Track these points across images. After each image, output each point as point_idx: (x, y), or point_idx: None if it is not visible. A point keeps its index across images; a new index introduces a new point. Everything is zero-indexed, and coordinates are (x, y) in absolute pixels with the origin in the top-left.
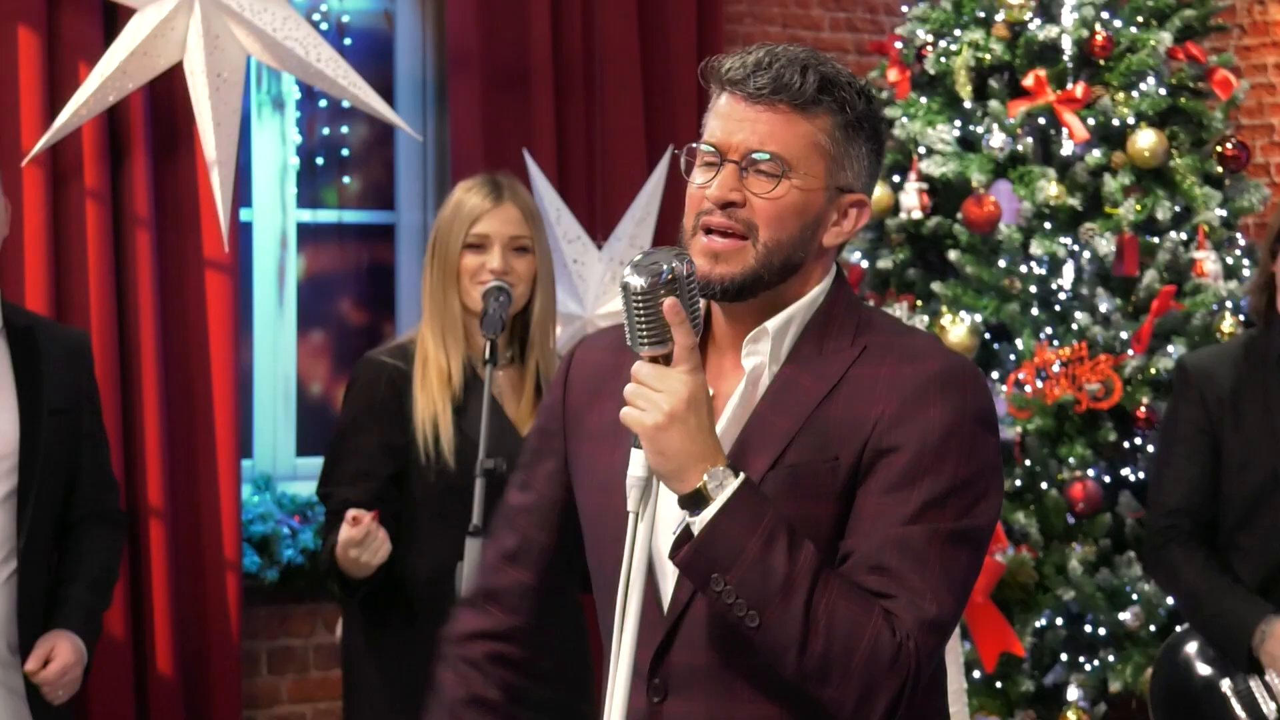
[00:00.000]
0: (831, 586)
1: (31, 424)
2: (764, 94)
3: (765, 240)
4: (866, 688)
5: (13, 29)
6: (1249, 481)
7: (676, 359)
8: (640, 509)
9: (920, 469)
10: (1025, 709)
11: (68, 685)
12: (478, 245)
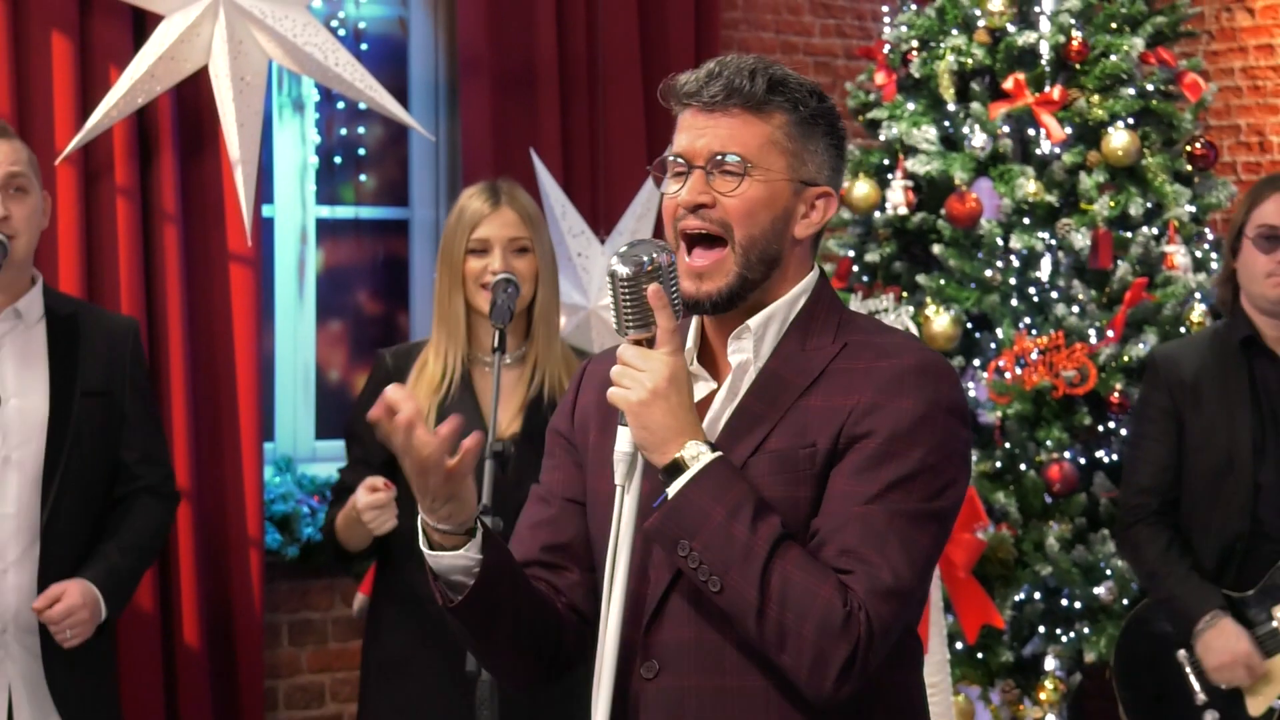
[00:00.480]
0: (789, 558)
1: (62, 405)
2: (718, 101)
3: (740, 238)
4: (818, 654)
5: (47, 35)
6: (1207, 462)
7: (659, 341)
8: (626, 482)
9: (888, 453)
10: (1005, 678)
11: (74, 626)
12: (480, 249)
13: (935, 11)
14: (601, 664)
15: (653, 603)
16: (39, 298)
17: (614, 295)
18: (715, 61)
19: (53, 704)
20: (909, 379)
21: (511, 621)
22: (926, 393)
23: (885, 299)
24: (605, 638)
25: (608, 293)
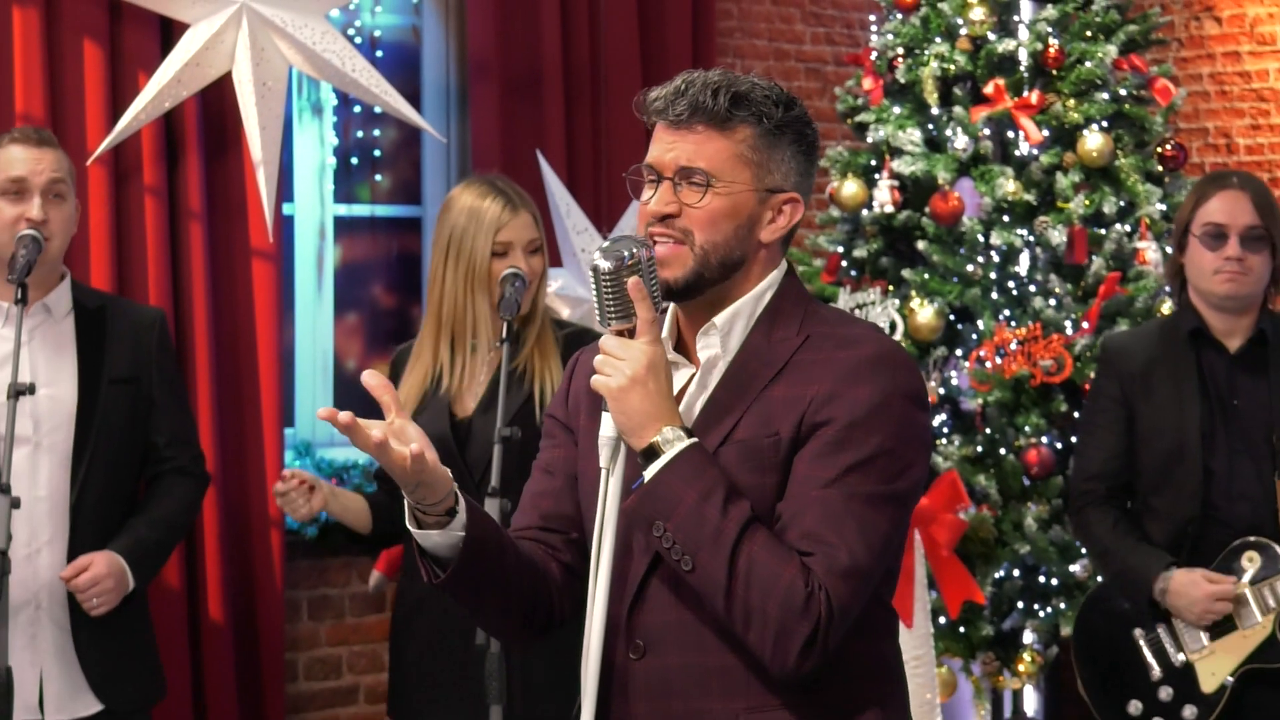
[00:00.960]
0: (757, 540)
1: (90, 392)
2: (684, 118)
3: (701, 243)
4: (780, 632)
5: (79, 42)
6: (1158, 449)
7: (639, 331)
8: (611, 465)
9: (847, 439)
10: (985, 651)
11: (99, 594)
12: (501, 252)
13: (920, 20)
14: (589, 643)
15: (634, 584)
16: (67, 292)
17: (597, 288)
18: (682, 79)
19: (83, 675)
20: (866, 368)
21: (498, 591)
22: (883, 381)
23: (872, 292)
24: (592, 616)
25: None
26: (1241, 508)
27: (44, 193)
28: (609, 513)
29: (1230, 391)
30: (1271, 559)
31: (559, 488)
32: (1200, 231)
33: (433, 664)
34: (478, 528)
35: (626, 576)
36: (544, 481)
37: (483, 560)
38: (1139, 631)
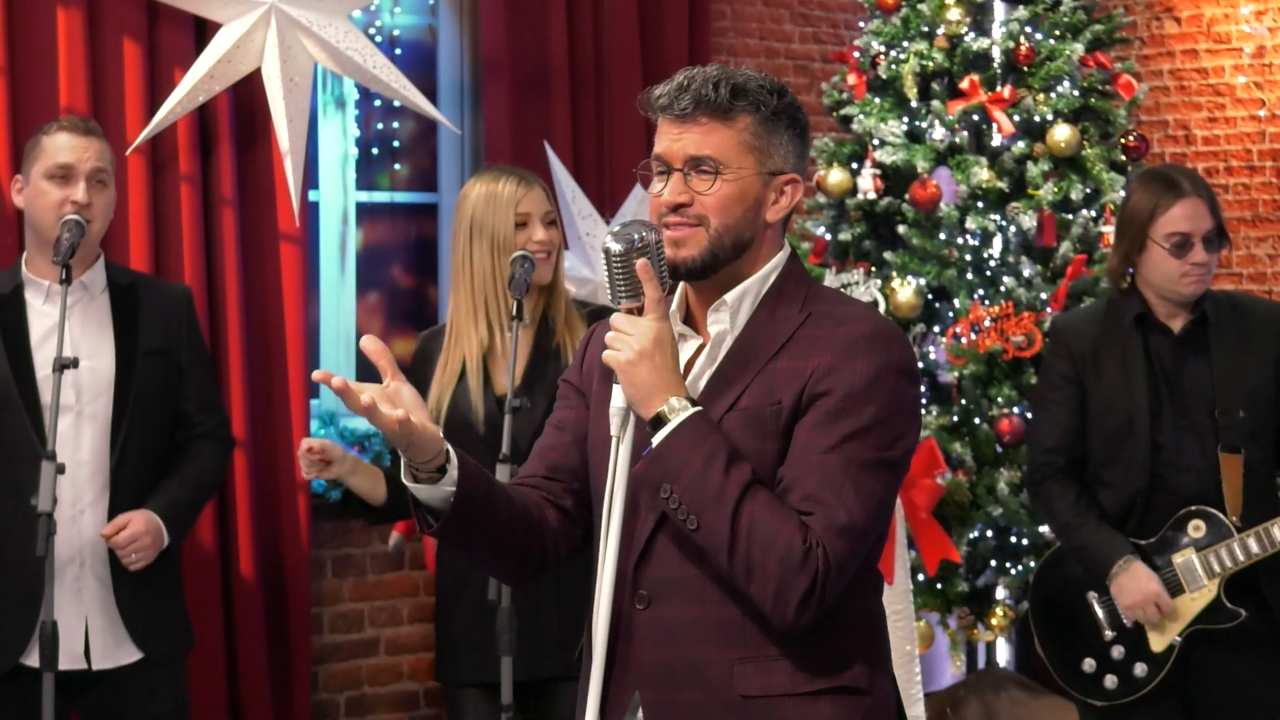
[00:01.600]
0: (757, 501)
1: (127, 364)
2: (688, 112)
3: (715, 227)
4: (780, 585)
5: (119, 41)
6: (1108, 425)
7: (647, 309)
8: (620, 433)
9: (844, 409)
10: (961, 606)
11: (137, 550)
12: (522, 223)
13: (900, 20)
14: (600, 595)
15: (641, 540)
16: (102, 271)
17: (608, 269)
18: (683, 75)
19: (124, 627)
20: (863, 344)
21: (488, 539)
22: (879, 356)
23: (856, 273)
24: (603, 571)
25: (602, 267)
26: (1187, 479)
27: (88, 179)
28: (619, 478)
29: (1175, 371)
30: (1216, 526)
31: (567, 443)
32: (1166, 242)
33: (476, 631)
34: (468, 483)
35: (633, 534)
36: (554, 436)
37: (472, 513)
38: (1093, 595)
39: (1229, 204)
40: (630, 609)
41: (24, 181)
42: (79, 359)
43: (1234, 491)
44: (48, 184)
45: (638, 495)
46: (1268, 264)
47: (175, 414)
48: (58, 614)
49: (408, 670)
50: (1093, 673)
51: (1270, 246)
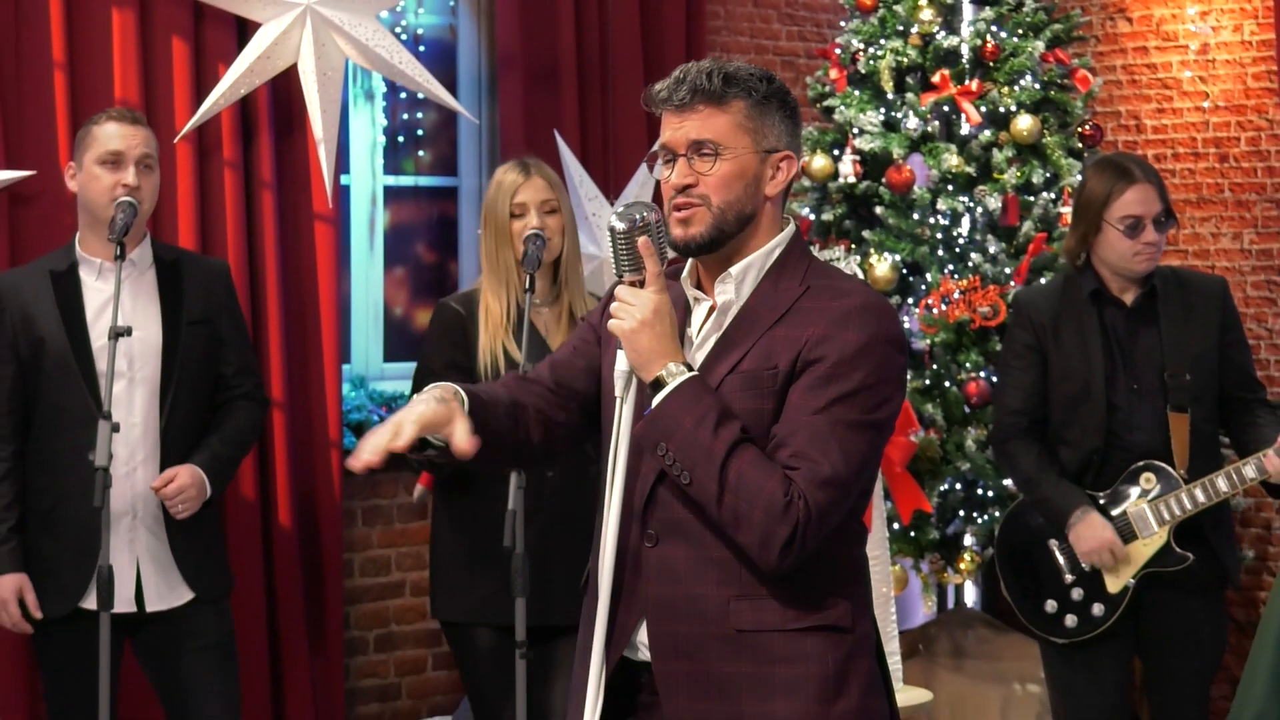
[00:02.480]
0: (744, 458)
1: (172, 332)
2: (686, 102)
3: (718, 204)
4: (764, 534)
5: (168, 39)
6: (1067, 389)
7: (648, 283)
8: (624, 394)
9: (834, 375)
10: (932, 552)
11: (183, 501)
12: (519, 213)
13: (878, 20)
14: (605, 538)
15: (647, 485)
16: (148, 248)
17: (613, 246)
18: (680, 70)
19: (178, 571)
20: (855, 316)
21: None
22: (869, 327)
23: (838, 250)
24: (608, 518)
25: (608, 244)
26: (1139, 437)
27: (137, 164)
28: (623, 434)
29: (1128, 339)
30: (1166, 479)
31: (579, 368)
32: (1120, 224)
33: (480, 572)
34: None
35: (641, 476)
36: (569, 355)
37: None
38: (1054, 542)
39: (1175, 188)
40: (640, 545)
41: (77, 168)
42: (131, 329)
43: (1181, 447)
44: (100, 169)
45: (640, 448)
46: (1210, 241)
47: (216, 378)
48: (112, 560)
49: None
50: (1054, 613)
51: (1213, 226)
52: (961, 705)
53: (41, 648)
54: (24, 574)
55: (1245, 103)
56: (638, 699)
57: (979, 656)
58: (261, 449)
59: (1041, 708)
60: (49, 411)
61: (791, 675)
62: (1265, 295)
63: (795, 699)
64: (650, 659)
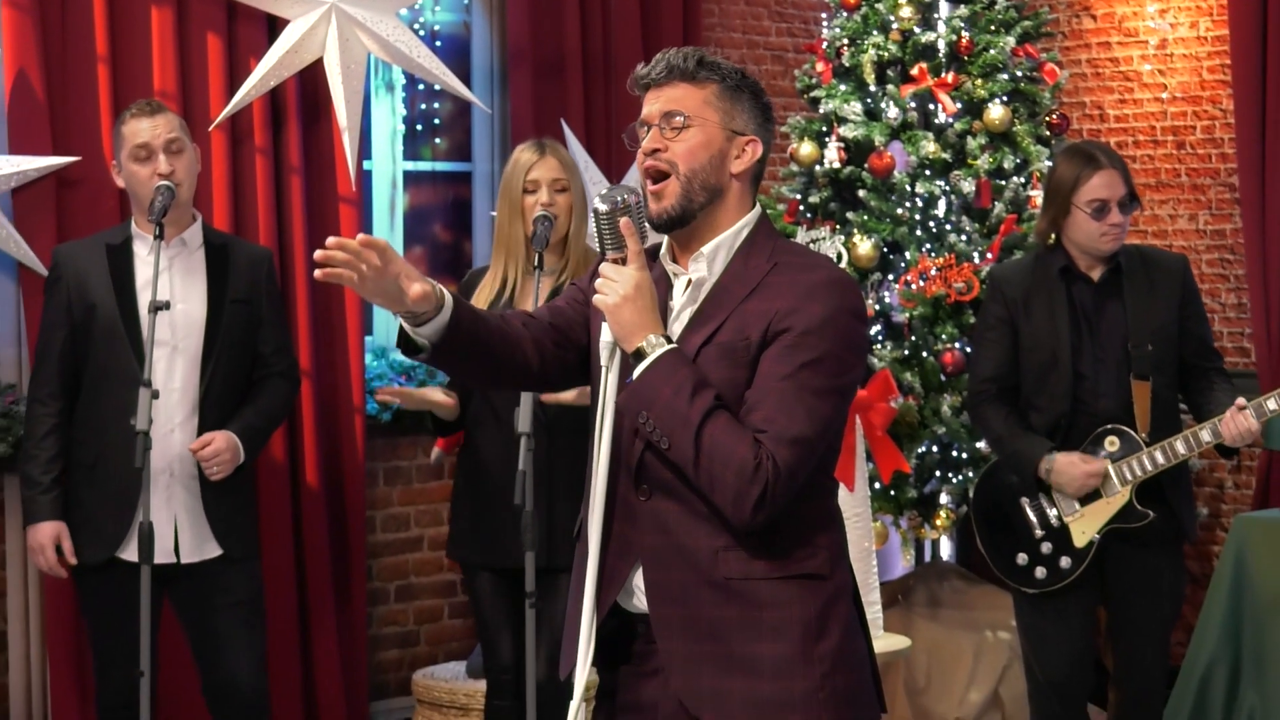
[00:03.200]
0: (718, 425)
1: (216, 309)
2: (663, 78)
3: (684, 171)
4: (737, 493)
5: (204, 35)
6: (1037, 359)
7: (630, 260)
8: (609, 363)
9: (801, 344)
10: (910, 510)
11: (219, 463)
12: (532, 189)
13: (861, 17)
14: (593, 498)
15: (638, 448)
16: (199, 231)
17: (597, 226)
18: (660, 53)
19: (209, 526)
20: (820, 290)
21: (475, 362)
22: (833, 300)
23: (823, 230)
24: (596, 478)
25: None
26: (1104, 403)
27: (166, 150)
28: (609, 401)
29: (1094, 313)
30: (1128, 441)
31: (571, 317)
32: (1088, 208)
33: (490, 521)
34: (461, 309)
35: (632, 444)
36: (563, 305)
37: (458, 345)
38: (1025, 500)
39: (1136, 173)
40: (634, 498)
41: (118, 165)
42: (175, 303)
43: (1143, 412)
44: (135, 164)
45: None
46: (1169, 222)
47: (254, 355)
48: (152, 516)
49: (447, 563)
50: (1025, 565)
51: (1171, 208)
52: (937, 651)
53: (83, 595)
54: (63, 522)
55: (1201, 94)
56: (633, 648)
57: (954, 606)
58: (291, 415)
59: (1011, 653)
60: (96, 373)
61: (777, 619)
62: (1219, 272)
63: (781, 641)
64: (646, 605)
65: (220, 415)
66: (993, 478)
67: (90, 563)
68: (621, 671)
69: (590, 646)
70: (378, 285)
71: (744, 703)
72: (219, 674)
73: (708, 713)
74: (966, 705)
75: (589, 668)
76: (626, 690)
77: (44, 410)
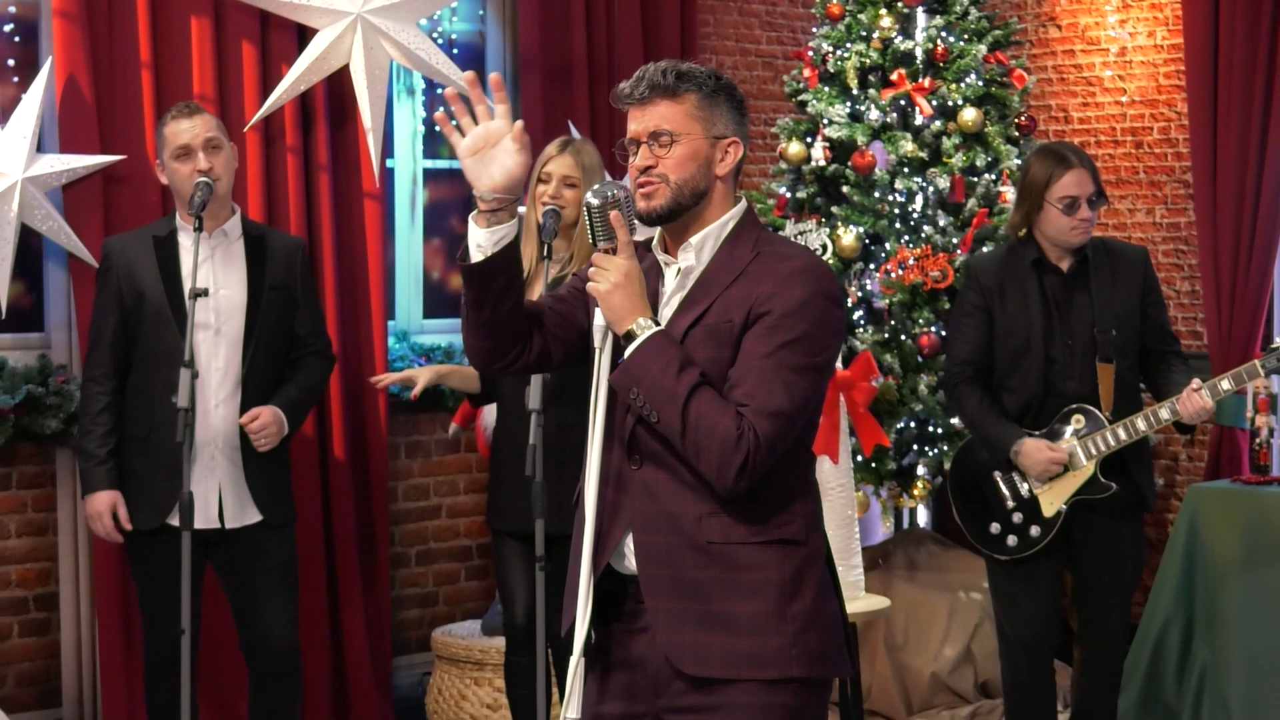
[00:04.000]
0: (702, 399)
1: (255, 295)
2: (645, 97)
3: (675, 182)
4: (720, 462)
5: (239, 43)
6: (1011, 344)
7: (620, 251)
8: (602, 345)
9: (780, 325)
10: (890, 481)
11: (265, 435)
12: (544, 179)
13: (845, 26)
14: (589, 467)
15: (630, 423)
16: (238, 223)
17: (589, 219)
18: (639, 71)
19: (250, 495)
20: (798, 276)
21: (496, 300)
22: (810, 285)
23: (810, 223)
24: (592, 450)
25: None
26: (1072, 385)
27: (204, 148)
28: (602, 379)
29: (1064, 301)
30: (1093, 419)
31: (570, 305)
32: (1060, 204)
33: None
34: (510, 251)
35: (628, 413)
36: (564, 293)
37: (500, 271)
38: (998, 473)
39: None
40: (627, 467)
41: (161, 163)
42: (216, 289)
43: (1107, 393)
44: (176, 163)
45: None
46: (1128, 216)
47: (291, 336)
48: (195, 485)
49: (463, 529)
50: (998, 534)
51: (1130, 203)
52: (915, 610)
53: (134, 558)
54: (118, 491)
55: (1158, 98)
56: (624, 607)
57: (929, 569)
58: (324, 392)
59: (983, 613)
60: (146, 354)
61: (754, 580)
62: (1174, 262)
63: (758, 600)
64: (636, 567)
65: (260, 392)
66: (968, 453)
67: (143, 529)
68: (614, 629)
69: (589, 606)
70: (490, 151)
71: (722, 657)
72: (256, 631)
73: (689, 665)
74: (941, 660)
75: (587, 625)
76: (618, 646)
77: (98, 389)
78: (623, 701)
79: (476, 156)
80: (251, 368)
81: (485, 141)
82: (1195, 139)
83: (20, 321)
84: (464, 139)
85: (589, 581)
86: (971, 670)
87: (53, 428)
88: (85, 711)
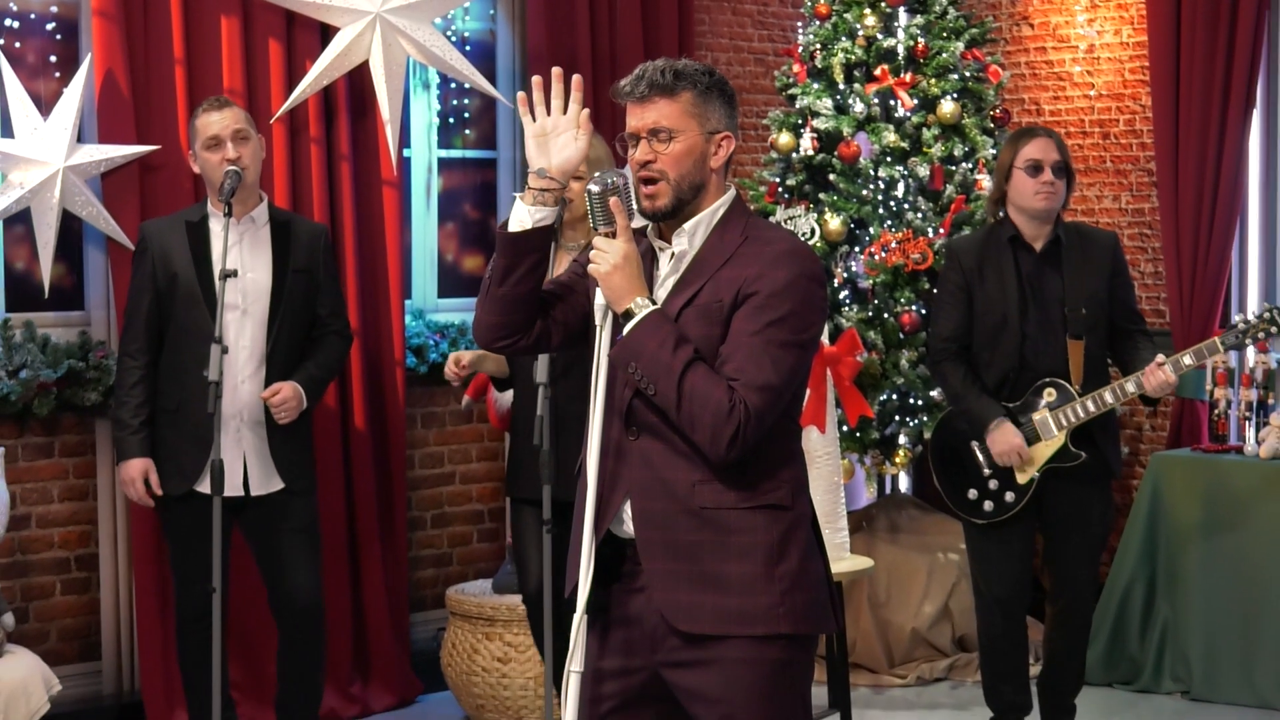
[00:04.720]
0: (697, 373)
1: (280, 277)
2: (645, 95)
3: (674, 177)
4: (714, 433)
5: (266, 41)
6: (989, 322)
7: (619, 234)
8: (602, 323)
9: (767, 305)
10: (873, 449)
11: (286, 409)
12: None
13: (831, 25)
14: (590, 437)
15: (628, 396)
16: (265, 209)
17: (589, 205)
18: (639, 69)
19: (274, 465)
20: (784, 258)
21: (522, 276)
22: (795, 267)
23: (799, 209)
24: (593, 422)
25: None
26: (1045, 360)
27: (233, 139)
28: (603, 355)
29: (1037, 280)
30: (1064, 392)
31: (569, 294)
32: (1023, 166)
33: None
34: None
35: (626, 387)
36: (567, 278)
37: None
38: (975, 444)
39: None
40: (624, 440)
41: (193, 153)
42: (244, 271)
43: (1077, 367)
44: (207, 153)
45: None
46: (1096, 202)
47: (313, 316)
48: (223, 454)
49: (476, 495)
50: (975, 499)
51: (1097, 190)
52: (896, 570)
53: (166, 522)
54: (150, 459)
55: (1124, 92)
56: (623, 569)
57: (910, 532)
58: (342, 369)
59: (960, 572)
60: (177, 332)
61: (743, 543)
62: (1139, 245)
63: (746, 562)
64: (634, 531)
65: (283, 369)
66: (948, 424)
67: (172, 494)
68: (613, 589)
69: (590, 568)
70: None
71: (714, 614)
72: (282, 589)
73: (683, 623)
74: (921, 616)
75: (589, 586)
76: (617, 605)
77: (133, 363)
78: (621, 656)
79: (541, 139)
80: (275, 346)
81: (553, 128)
82: (1158, 130)
83: (62, 300)
84: (534, 121)
85: (590, 546)
86: (949, 625)
87: (92, 400)
88: (123, 664)
